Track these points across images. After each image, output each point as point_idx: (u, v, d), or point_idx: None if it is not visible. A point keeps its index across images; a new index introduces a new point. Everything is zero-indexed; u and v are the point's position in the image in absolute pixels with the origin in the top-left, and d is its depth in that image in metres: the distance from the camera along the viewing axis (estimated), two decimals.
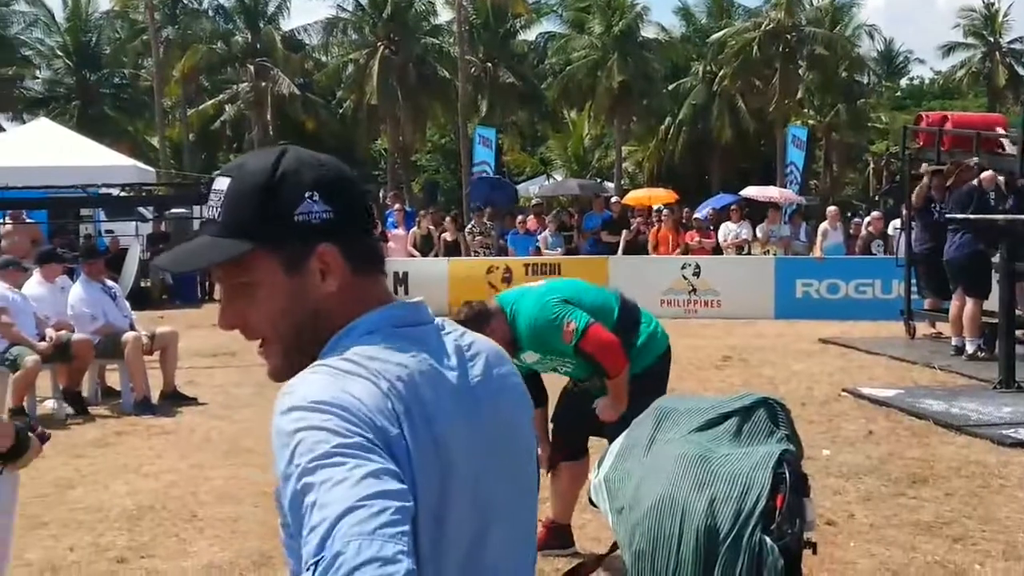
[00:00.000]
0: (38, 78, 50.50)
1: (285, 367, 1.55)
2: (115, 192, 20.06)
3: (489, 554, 1.52)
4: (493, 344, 1.66)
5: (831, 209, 19.69)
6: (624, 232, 19.27)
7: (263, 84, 44.79)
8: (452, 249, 19.02)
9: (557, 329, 4.87)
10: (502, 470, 1.55)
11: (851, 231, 20.69)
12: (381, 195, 29.41)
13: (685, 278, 17.18)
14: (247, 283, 1.53)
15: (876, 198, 40.81)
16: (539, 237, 19.36)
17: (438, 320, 1.60)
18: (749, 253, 18.73)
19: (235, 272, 1.53)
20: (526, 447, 1.66)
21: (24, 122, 42.39)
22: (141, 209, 21.81)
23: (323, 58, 49.93)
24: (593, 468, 3.87)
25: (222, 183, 1.52)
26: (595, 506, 3.85)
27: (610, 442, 4.81)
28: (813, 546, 3.36)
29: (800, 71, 45.00)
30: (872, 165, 49.23)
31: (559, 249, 19.12)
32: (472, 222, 20.02)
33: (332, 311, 1.53)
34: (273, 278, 1.51)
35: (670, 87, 45.91)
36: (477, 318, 4.73)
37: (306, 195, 1.49)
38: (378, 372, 1.42)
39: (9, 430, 2.82)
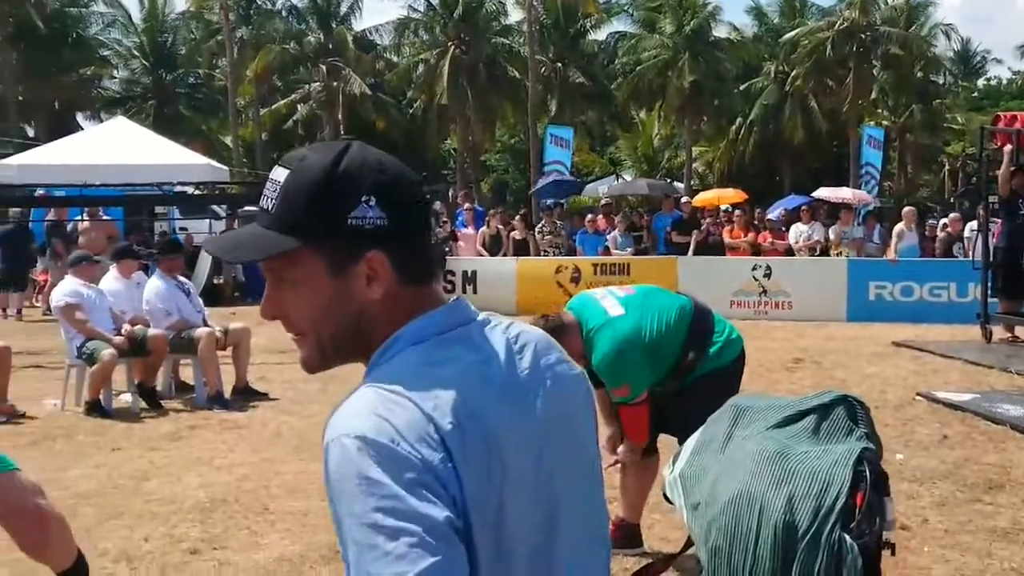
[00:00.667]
0: (115, 78, 51.50)
1: (316, 360, 1.56)
2: (189, 191, 20.40)
3: (561, 548, 1.51)
4: (540, 333, 1.63)
5: (907, 210, 19.37)
6: (694, 232, 19.13)
7: (335, 84, 45.15)
8: (521, 248, 19.01)
9: (615, 382, 5.11)
10: (562, 461, 1.54)
11: (926, 233, 20.37)
12: (451, 194, 29.45)
13: (756, 279, 17.02)
14: (291, 278, 1.51)
15: (952, 200, 40.17)
16: (608, 237, 19.29)
17: (482, 315, 1.58)
18: (826, 254, 18.46)
19: (280, 265, 1.51)
20: (584, 434, 1.64)
21: (101, 121, 43.24)
22: (215, 207, 22.11)
23: (394, 58, 50.21)
24: (668, 464, 3.84)
25: (280, 174, 1.50)
26: (670, 502, 3.82)
27: (682, 440, 4.77)
28: (892, 547, 3.30)
29: (874, 71, 44.41)
30: (948, 167, 48.52)
31: (628, 249, 19.03)
32: (542, 221, 19.99)
33: (376, 317, 1.51)
34: (317, 278, 1.49)
35: (741, 87, 45.53)
36: (553, 333, 4.70)
37: (363, 199, 1.46)
38: (422, 393, 1.41)
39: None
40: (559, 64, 45.76)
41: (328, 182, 1.46)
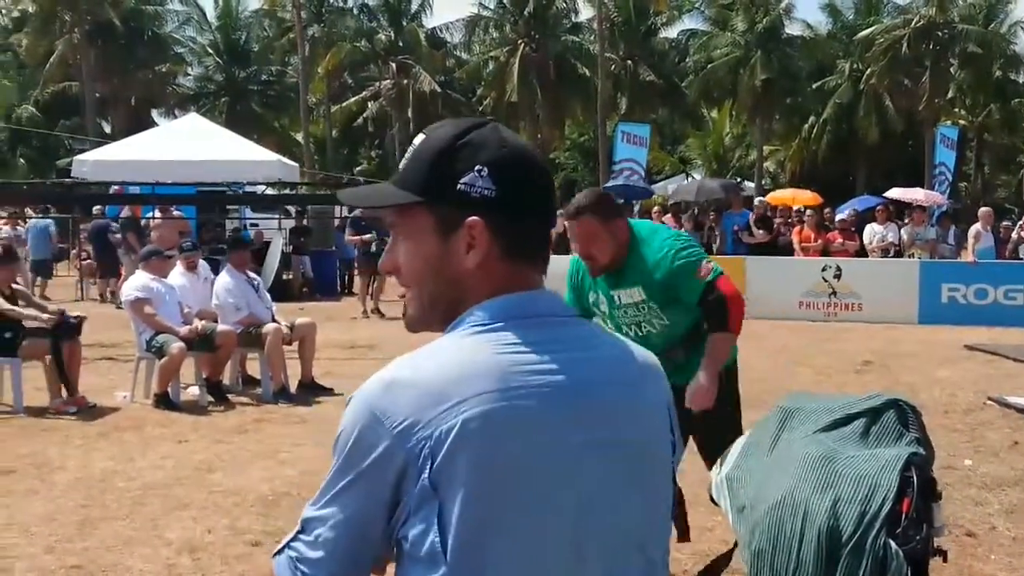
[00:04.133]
0: (189, 75, 52.48)
1: (418, 319, 1.63)
2: (261, 190, 20.65)
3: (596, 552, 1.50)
4: (626, 344, 1.63)
5: (984, 211, 18.97)
6: (761, 231, 18.90)
7: (405, 81, 45.44)
8: None
9: (693, 264, 4.49)
10: (620, 472, 1.52)
11: (1000, 235, 19.96)
12: None
13: (825, 280, 16.80)
14: (405, 233, 1.60)
15: None
16: None
17: (578, 318, 1.60)
18: (900, 255, 18.15)
19: (400, 220, 1.60)
20: (656, 450, 1.61)
21: (175, 117, 43.89)
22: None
23: (464, 56, 50.42)
24: (716, 466, 3.81)
25: (418, 139, 1.60)
26: (716, 504, 3.79)
27: (698, 444, 4.68)
28: (943, 554, 3.23)
29: (951, 69, 43.69)
30: None
31: None
32: None
33: (470, 288, 1.55)
34: (425, 235, 1.57)
35: (814, 85, 45.02)
36: (606, 204, 4.45)
37: (476, 168, 1.53)
38: (445, 385, 1.44)
39: None
40: (629, 62, 45.62)
41: (449, 148, 1.55)
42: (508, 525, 1.44)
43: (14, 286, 9.86)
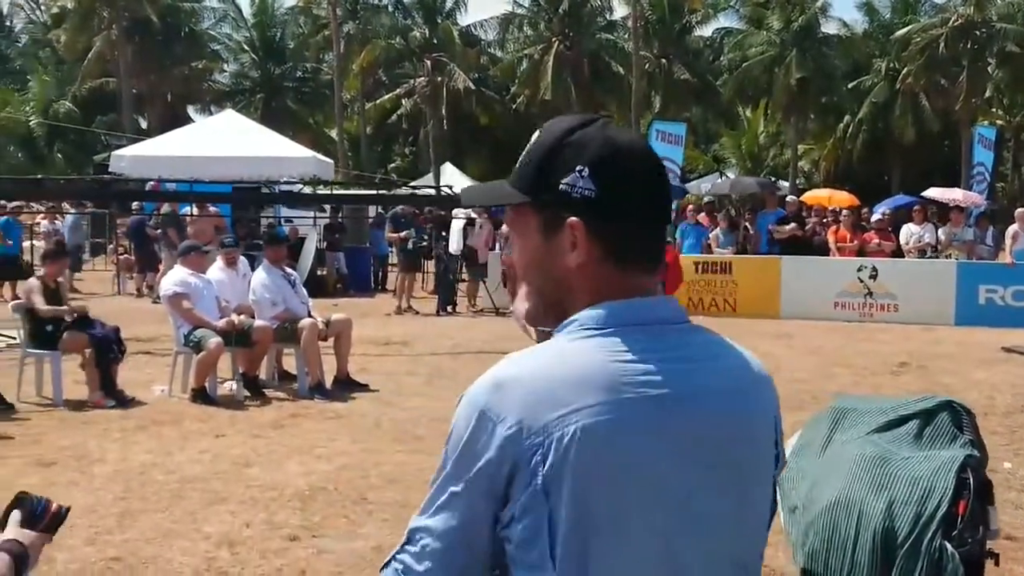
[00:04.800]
0: (225, 71, 52.75)
1: (532, 315, 1.64)
2: (297, 187, 20.75)
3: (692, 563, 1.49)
4: (739, 353, 1.60)
5: (1020, 211, 18.75)
6: (791, 225, 18.73)
7: (439, 79, 45.44)
8: None
9: None
10: (723, 484, 1.50)
11: None
12: None
13: (861, 280, 16.69)
14: (518, 230, 1.62)
15: None
16: (710, 235, 19.09)
17: (692, 324, 1.57)
18: (935, 256, 17.98)
19: (513, 218, 1.62)
20: (759, 462, 1.58)
21: (211, 114, 44.22)
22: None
23: (498, 53, 50.40)
24: None
25: (534, 135, 1.61)
26: None
27: None
28: (995, 557, 3.20)
29: (989, 69, 43.23)
30: None
31: (730, 248, 18.82)
32: None
33: (575, 289, 1.55)
34: (532, 235, 1.58)
35: (850, 84, 44.71)
36: None
37: (577, 168, 1.52)
38: (568, 384, 1.43)
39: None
40: (664, 60, 45.46)
41: (556, 147, 1.55)
42: (613, 535, 1.43)
43: (60, 280, 10.00)
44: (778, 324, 15.70)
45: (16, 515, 2.24)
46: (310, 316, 10.54)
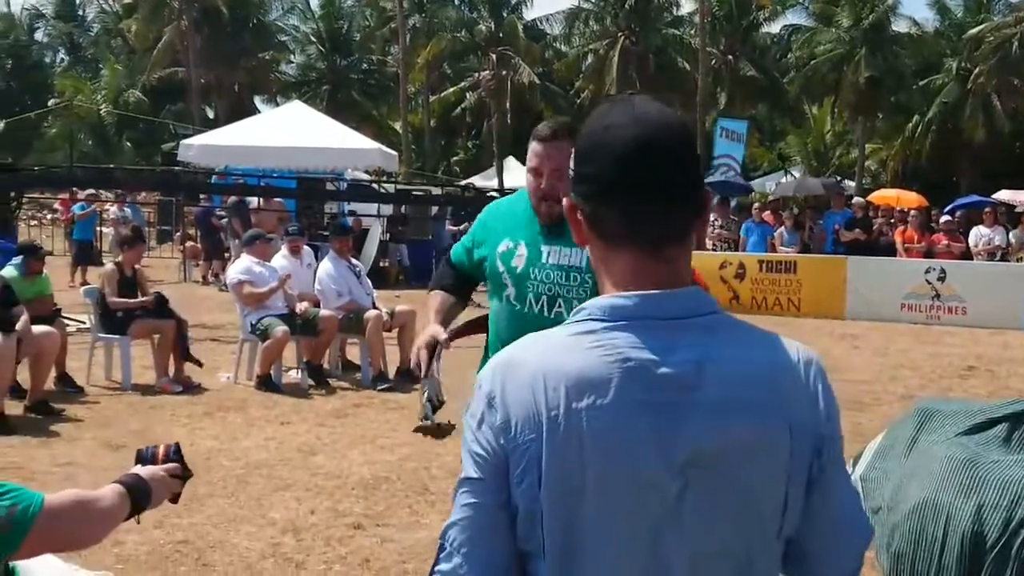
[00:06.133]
0: (292, 63, 53.19)
1: None
2: (361, 177, 20.93)
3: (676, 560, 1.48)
4: (765, 353, 1.53)
5: None
6: (856, 231, 18.54)
7: (504, 72, 45.43)
8: None
9: None
10: (713, 487, 1.46)
11: None
12: None
13: (929, 282, 16.43)
14: None
15: None
16: (775, 233, 18.93)
17: (703, 318, 1.50)
18: (1006, 259, 17.67)
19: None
20: (759, 492, 1.50)
21: (277, 104, 44.57)
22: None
23: (563, 48, 50.26)
24: (848, 466, 3.74)
25: None
26: None
27: None
28: None
29: None
30: None
31: (794, 247, 18.65)
32: (713, 215, 19.76)
33: (598, 273, 1.57)
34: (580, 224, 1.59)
35: (920, 83, 44.04)
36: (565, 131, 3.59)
37: (575, 151, 1.57)
38: (552, 371, 1.45)
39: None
40: (730, 57, 45.07)
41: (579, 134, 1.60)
42: (600, 531, 1.44)
43: (137, 266, 10.15)
44: (843, 325, 15.53)
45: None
46: (375, 307, 10.61)
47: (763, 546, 1.52)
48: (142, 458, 2.62)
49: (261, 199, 18.76)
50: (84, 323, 11.10)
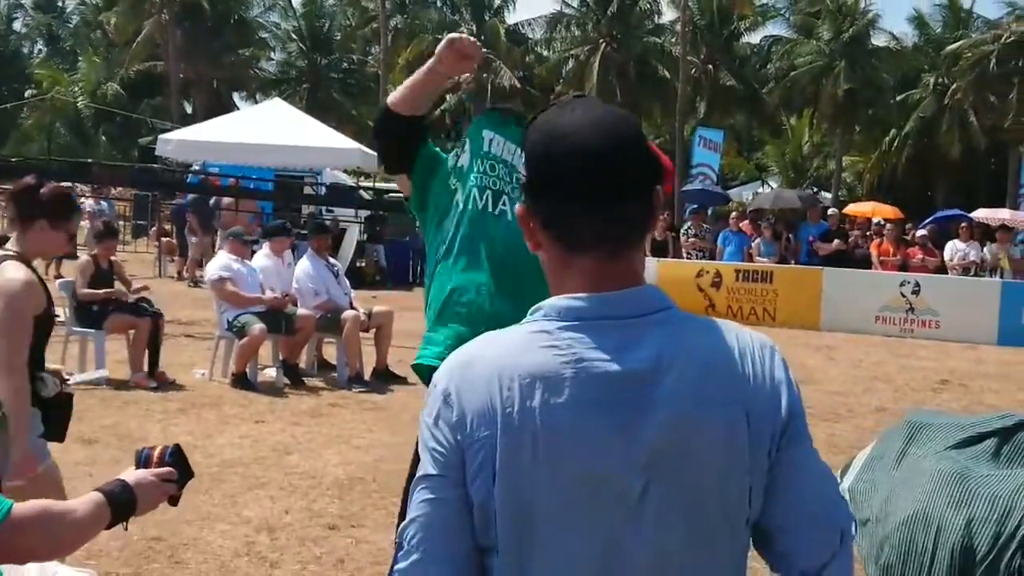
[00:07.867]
0: (272, 60, 53.06)
1: None
2: (340, 176, 20.89)
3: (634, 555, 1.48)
4: (714, 347, 1.52)
5: None
6: (836, 242, 18.62)
7: (484, 75, 45.45)
8: (660, 249, 18.75)
9: None
10: (661, 493, 1.47)
11: None
12: None
13: (903, 296, 16.53)
14: None
15: None
16: (753, 244, 19.00)
17: (653, 316, 1.51)
18: (978, 275, 17.80)
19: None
20: (709, 487, 1.49)
21: (256, 101, 44.44)
22: (362, 191, 22.50)
23: (544, 52, 50.33)
24: (836, 477, 3.75)
25: None
26: None
27: None
28: None
29: None
30: None
31: (772, 257, 18.71)
32: (688, 223, 19.80)
33: (548, 275, 1.56)
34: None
35: (898, 98, 44.32)
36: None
37: (525, 157, 1.58)
38: (507, 370, 1.46)
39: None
40: (710, 66, 45.23)
41: (526, 140, 1.61)
42: (549, 529, 1.45)
43: (112, 259, 10.09)
44: (818, 336, 15.61)
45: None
46: (352, 307, 10.58)
47: (730, 537, 1.53)
48: (138, 460, 2.59)
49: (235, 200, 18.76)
50: (59, 316, 10.99)
